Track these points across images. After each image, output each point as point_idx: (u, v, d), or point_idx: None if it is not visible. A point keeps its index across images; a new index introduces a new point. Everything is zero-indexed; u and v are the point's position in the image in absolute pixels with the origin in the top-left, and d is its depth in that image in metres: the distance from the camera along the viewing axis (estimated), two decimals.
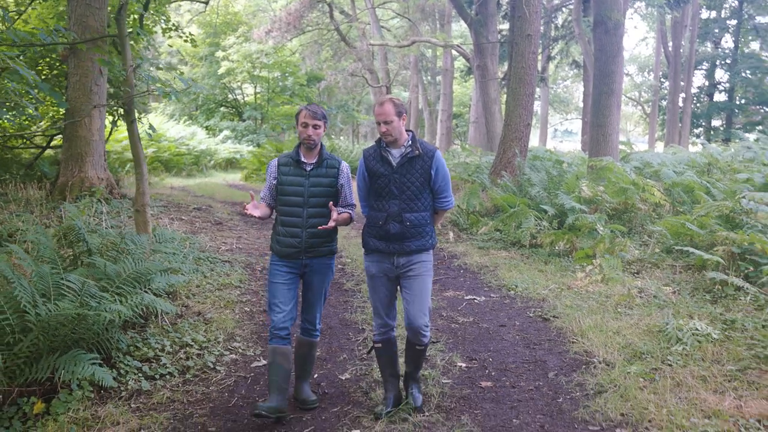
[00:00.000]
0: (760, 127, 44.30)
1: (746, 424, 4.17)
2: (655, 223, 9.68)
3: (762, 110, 45.26)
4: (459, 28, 41.48)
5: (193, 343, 6.02)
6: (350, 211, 4.91)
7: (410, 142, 4.59)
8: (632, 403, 4.63)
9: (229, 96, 37.54)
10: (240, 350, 6.09)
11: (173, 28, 14.82)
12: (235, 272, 8.60)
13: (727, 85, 46.82)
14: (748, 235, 7.42)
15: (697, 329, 5.85)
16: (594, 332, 6.20)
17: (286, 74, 36.48)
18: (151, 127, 7.51)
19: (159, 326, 6.26)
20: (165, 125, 28.86)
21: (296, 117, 4.78)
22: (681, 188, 11.07)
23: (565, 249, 9.85)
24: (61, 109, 13.76)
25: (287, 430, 4.52)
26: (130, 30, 9.14)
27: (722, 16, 45.88)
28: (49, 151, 15.56)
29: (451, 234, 11.85)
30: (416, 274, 4.60)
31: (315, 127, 4.70)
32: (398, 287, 4.73)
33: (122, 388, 5.12)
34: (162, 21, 15.30)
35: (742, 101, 46.08)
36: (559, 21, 31.95)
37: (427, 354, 5.73)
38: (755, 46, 46.97)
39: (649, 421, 4.36)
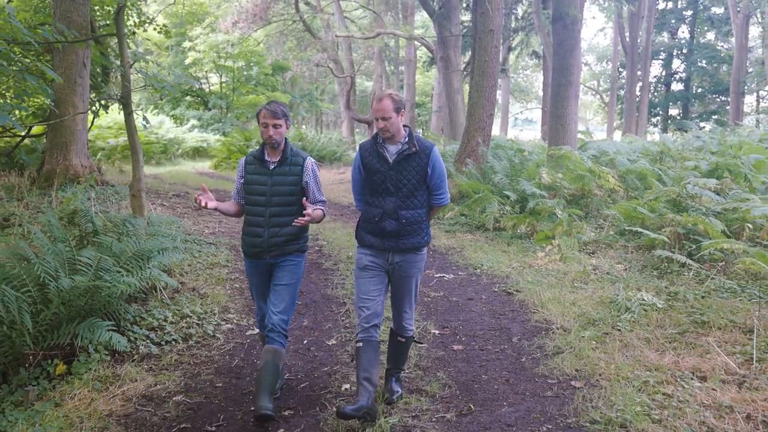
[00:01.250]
0: (716, 116, 45.79)
1: (681, 375, 4.89)
2: (610, 208, 10.43)
3: (718, 99, 46.64)
4: (421, 17, 42.09)
5: (192, 315, 6.60)
6: (321, 208, 4.84)
7: (407, 138, 4.53)
8: (585, 361, 5.34)
9: (195, 86, 37.70)
10: (235, 321, 6.71)
11: (147, 21, 15.22)
12: (222, 253, 9.17)
13: (684, 74, 48.16)
14: (692, 218, 8.18)
15: (644, 300, 6.58)
16: (552, 303, 6.91)
17: (251, 64, 36.87)
18: (145, 118, 8.00)
19: (159, 300, 6.82)
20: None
21: (257, 117, 4.74)
22: (634, 175, 11.85)
23: (526, 231, 10.58)
24: (42, 100, 14.11)
25: (285, 387, 5.15)
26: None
27: (678, 6, 47.08)
28: (25, 141, 15.90)
29: None
30: (408, 275, 4.62)
31: (275, 126, 4.65)
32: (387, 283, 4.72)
33: (134, 353, 5.70)
34: (134, 15, 15.68)
35: (699, 90, 47.43)
36: (519, 12, 32.69)
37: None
38: (711, 36, 48.30)
39: (600, 374, 5.06)
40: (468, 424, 4.41)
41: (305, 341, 6.20)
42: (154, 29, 15.50)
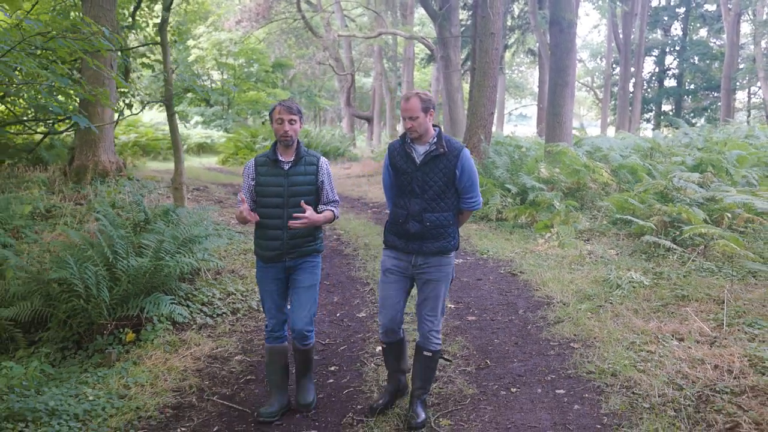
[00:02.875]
0: (708, 112, 46.80)
1: (663, 337, 5.81)
2: (603, 200, 11.33)
3: (710, 95, 47.54)
4: (419, 14, 42.96)
5: (235, 292, 7.51)
6: (333, 209, 4.77)
7: (435, 139, 4.41)
8: (582, 327, 6.26)
9: (197, 82, 38.44)
10: None
11: (186, 31, 16.15)
12: (251, 241, 10.05)
13: (677, 71, 49.00)
14: (677, 208, 9.09)
15: (632, 278, 7.50)
16: (553, 282, 7.84)
17: (251, 61, 37.75)
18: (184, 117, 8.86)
19: (204, 280, 7.72)
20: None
21: (270, 114, 4.65)
22: (626, 170, 12.74)
23: (526, 221, 11.50)
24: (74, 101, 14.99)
25: (323, 348, 6.07)
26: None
27: (671, 4, 47.82)
28: (38, 136, 16.76)
29: None
30: (432, 278, 4.49)
31: (291, 122, 4.56)
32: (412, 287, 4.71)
33: (192, 323, 6.60)
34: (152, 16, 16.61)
35: (691, 86, 48.26)
36: (516, 12, 33.59)
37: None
38: (703, 33, 49.15)
39: (594, 337, 5.98)
40: (486, 375, 5.34)
41: (338, 314, 7.13)
42: (169, 31, 16.43)
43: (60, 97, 10.81)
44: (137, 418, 4.63)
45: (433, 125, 4.46)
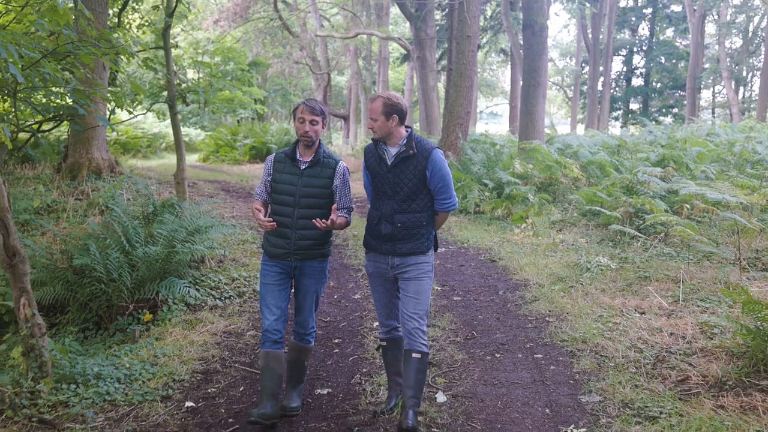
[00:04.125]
0: (675, 110, 48.13)
1: (627, 311, 6.60)
2: (574, 193, 12.14)
3: (676, 94, 48.89)
4: (393, 13, 43.67)
5: (239, 278, 8.18)
6: (346, 215, 4.71)
7: (405, 140, 4.39)
8: (556, 304, 7.03)
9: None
10: None
11: (146, 24, 16.74)
12: (246, 233, 10.71)
13: (644, 70, 50.32)
14: (641, 199, 9.90)
15: (600, 262, 8.30)
16: (529, 267, 8.62)
17: (227, 60, 38.22)
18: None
19: (209, 267, 8.37)
20: (117, 110, 30.38)
21: (293, 112, 4.58)
22: (595, 165, 13.58)
23: (503, 213, 12.30)
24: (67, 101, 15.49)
25: (325, 325, 6.79)
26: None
27: (639, 4, 49.03)
28: (25, 135, 17.24)
29: None
30: (411, 276, 4.46)
31: (312, 123, 4.48)
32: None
33: (203, 305, 7.27)
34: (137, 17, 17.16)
35: (658, 85, 49.62)
36: (488, 13, 34.43)
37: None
38: (670, 33, 50.43)
39: (567, 312, 6.75)
40: (472, 344, 6.09)
41: (335, 296, 7.84)
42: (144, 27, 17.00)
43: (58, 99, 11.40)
44: (171, 381, 5.30)
45: (406, 126, 4.45)
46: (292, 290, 4.83)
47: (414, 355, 4.40)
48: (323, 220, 4.41)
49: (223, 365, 5.73)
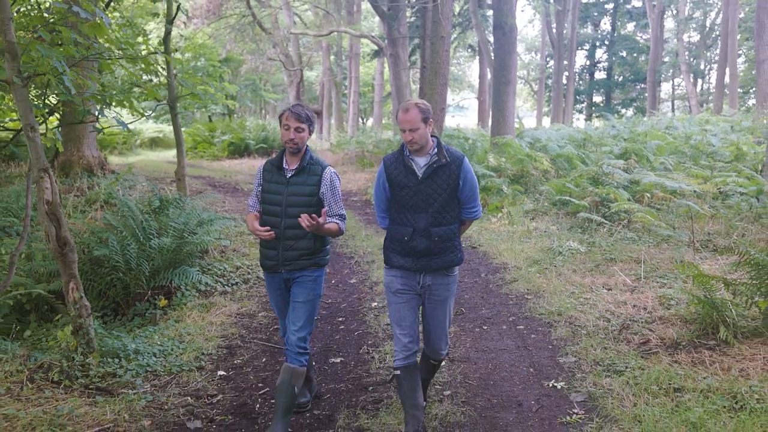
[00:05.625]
0: (636, 103, 49.53)
1: (595, 288, 7.46)
2: (544, 184, 13.03)
3: (637, 87, 50.32)
4: (364, 6, 44.34)
5: (242, 266, 8.91)
6: (338, 222, 4.50)
7: (436, 149, 4.23)
8: (533, 284, 7.88)
9: (144, 77, 39.09)
10: None
11: (127, 24, 17.22)
12: (242, 225, 11.41)
13: (606, 64, 51.75)
14: (606, 189, 10.80)
15: (571, 247, 9.17)
16: (507, 252, 9.47)
17: (198, 56, 38.64)
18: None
19: (212, 257, 9.09)
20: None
21: (279, 118, 4.45)
22: (563, 158, 14.48)
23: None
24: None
25: (328, 306, 7.57)
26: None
27: (601, 0, 50.51)
28: (6, 134, 17.69)
29: None
30: (441, 298, 4.37)
31: (298, 130, 4.36)
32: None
33: (213, 291, 7.99)
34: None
35: (620, 79, 51.01)
36: (457, 10, 35.29)
37: None
38: (631, 27, 51.88)
39: (543, 290, 7.60)
40: (462, 319, 6.92)
41: (333, 281, 8.61)
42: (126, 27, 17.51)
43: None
44: (200, 354, 6.04)
45: (432, 135, 4.27)
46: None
47: (432, 361, 4.65)
48: (310, 216, 4.19)
49: (243, 341, 6.48)
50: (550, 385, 5.14)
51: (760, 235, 8.88)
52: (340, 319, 7.14)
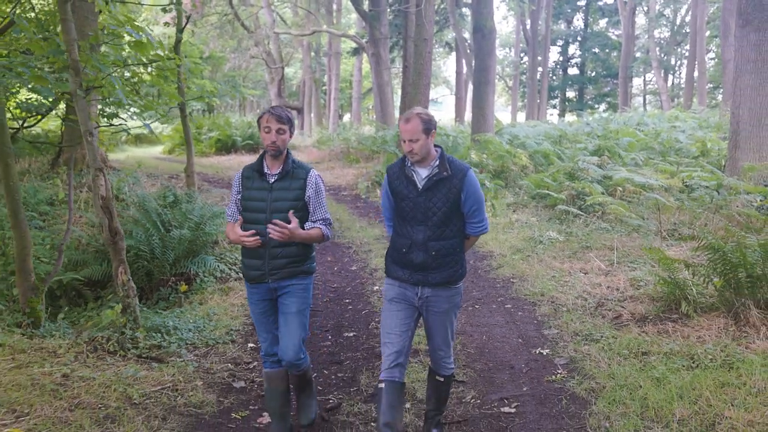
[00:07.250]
0: (609, 98, 50.78)
1: (574, 272, 8.38)
2: (524, 179, 13.94)
3: (610, 82, 51.53)
4: (344, 3, 45.09)
5: None
6: (322, 227, 4.37)
7: (438, 161, 4.08)
8: (517, 269, 8.79)
9: (126, 74, 39.51)
10: None
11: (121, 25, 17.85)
12: None
13: (579, 60, 52.92)
14: (581, 184, 11.74)
15: (551, 236, 10.09)
16: (492, 241, 10.37)
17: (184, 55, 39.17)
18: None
19: (222, 247, 9.88)
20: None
21: (258, 122, 4.29)
22: (540, 154, 15.40)
23: None
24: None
25: (334, 290, 8.42)
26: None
27: None
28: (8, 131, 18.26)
29: (378, 191, 15.84)
30: (440, 310, 4.20)
31: (279, 132, 4.20)
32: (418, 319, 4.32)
33: (228, 277, 8.81)
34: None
35: (593, 74, 52.20)
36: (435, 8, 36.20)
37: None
38: (603, 24, 53.05)
39: (527, 275, 8.50)
40: None
41: (335, 268, 9.46)
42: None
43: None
44: (230, 330, 6.86)
45: (435, 145, 4.16)
46: None
47: (438, 378, 4.42)
48: (276, 228, 4.11)
49: None
50: (537, 352, 6.04)
51: (720, 224, 9.86)
52: (347, 300, 7.99)
